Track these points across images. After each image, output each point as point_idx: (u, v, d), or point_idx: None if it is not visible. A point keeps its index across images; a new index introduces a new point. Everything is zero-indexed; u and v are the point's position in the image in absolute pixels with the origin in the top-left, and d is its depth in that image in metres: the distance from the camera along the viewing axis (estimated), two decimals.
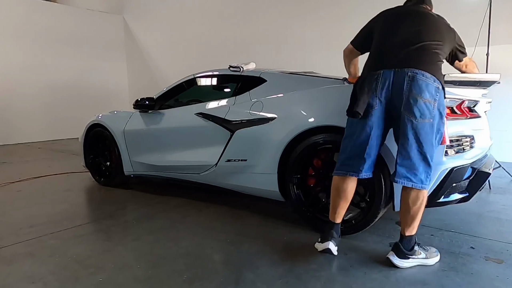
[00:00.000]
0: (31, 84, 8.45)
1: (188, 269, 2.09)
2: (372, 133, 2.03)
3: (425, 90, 1.91)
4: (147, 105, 3.62)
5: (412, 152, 1.95)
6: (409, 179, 1.97)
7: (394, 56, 2.02)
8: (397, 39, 2.08)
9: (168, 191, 3.76)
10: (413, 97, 1.92)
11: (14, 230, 2.75)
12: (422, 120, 1.92)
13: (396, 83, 1.96)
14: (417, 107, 1.91)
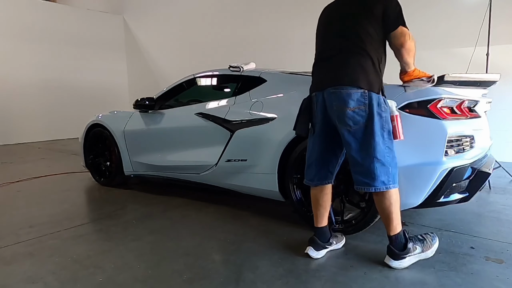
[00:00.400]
0: (31, 84, 8.45)
1: (188, 269, 2.09)
2: (320, 147, 2.17)
3: (348, 100, 1.96)
4: (147, 105, 3.62)
5: (361, 158, 1.99)
6: (368, 184, 1.99)
7: (320, 80, 2.13)
8: (323, 56, 2.18)
9: (168, 191, 3.76)
10: (341, 109, 1.98)
11: (14, 230, 2.75)
12: (356, 127, 1.97)
13: (327, 101, 2.06)
14: (348, 117, 1.97)
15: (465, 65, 4.41)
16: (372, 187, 1.99)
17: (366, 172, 1.99)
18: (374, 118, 1.96)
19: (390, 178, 1.99)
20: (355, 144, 1.99)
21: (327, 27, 2.18)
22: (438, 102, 2.21)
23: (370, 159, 1.97)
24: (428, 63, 5.49)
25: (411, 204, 2.28)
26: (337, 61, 2.05)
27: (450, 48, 5.24)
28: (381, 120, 1.97)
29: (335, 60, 2.06)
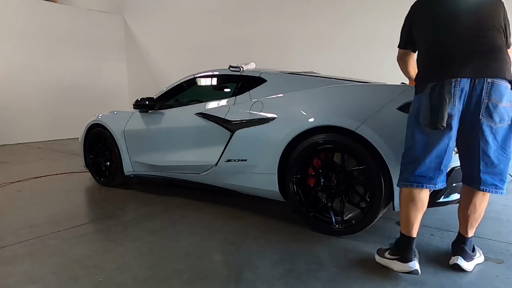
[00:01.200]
0: (31, 84, 8.45)
1: (188, 269, 2.09)
2: (451, 144, 1.90)
3: (504, 95, 1.80)
4: (147, 105, 3.62)
5: (497, 159, 1.86)
6: (496, 186, 1.89)
7: (469, 62, 1.82)
8: (462, 35, 1.87)
9: (168, 191, 3.76)
10: (492, 103, 1.80)
11: (14, 230, 2.75)
12: (501, 125, 1.83)
13: (474, 92, 1.81)
14: (497, 112, 1.80)
15: None
16: (500, 190, 1.89)
17: (499, 174, 1.88)
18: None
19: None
20: (494, 142, 1.85)
21: (461, 6, 1.93)
22: None
23: (506, 160, 1.87)
24: None
25: None
26: (489, 46, 1.85)
27: None
28: None
29: (485, 42, 1.86)
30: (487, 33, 1.85)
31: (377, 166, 2.29)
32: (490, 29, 1.86)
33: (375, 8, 5.83)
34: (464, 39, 1.86)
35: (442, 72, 1.85)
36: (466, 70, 1.80)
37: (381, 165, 2.28)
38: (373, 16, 5.83)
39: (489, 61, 1.81)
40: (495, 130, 1.83)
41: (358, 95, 2.53)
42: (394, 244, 2.11)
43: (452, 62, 1.84)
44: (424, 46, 2.02)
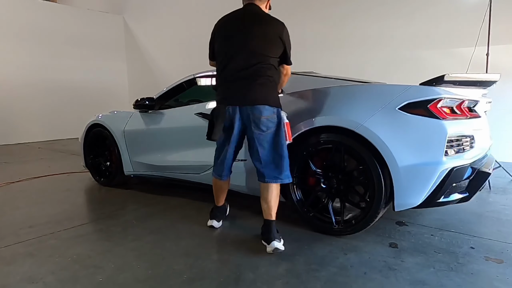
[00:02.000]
0: (31, 84, 8.45)
1: (188, 269, 2.09)
2: (230, 149, 2.47)
3: (262, 112, 2.29)
4: (147, 105, 3.62)
5: (271, 157, 2.35)
6: (276, 177, 2.35)
7: (235, 95, 2.35)
8: (234, 64, 2.35)
9: (168, 191, 3.76)
10: (256, 118, 2.30)
11: (14, 230, 2.75)
12: (269, 132, 2.32)
13: (242, 113, 2.34)
14: (262, 124, 2.30)
15: (465, 65, 4.42)
16: (279, 180, 2.36)
17: (276, 168, 2.35)
18: (279, 124, 2.34)
19: (288, 173, 2.36)
20: (266, 145, 2.34)
21: (235, 39, 2.39)
22: (438, 102, 2.21)
23: (280, 157, 2.34)
24: (428, 63, 5.52)
25: (411, 204, 2.28)
26: (253, 77, 2.33)
27: (450, 48, 5.24)
28: (279, 127, 2.34)
29: (250, 74, 2.33)
30: (252, 64, 2.30)
31: (377, 166, 2.29)
32: (256, 61, 2.30)
33: (375, 8, 5.83)
34: (234, 70, 2.34)
35: (222, 99, 2.42)
36: (233, 100, 2.35)
37: (381, 165, 2.28)
38: (373, 16, 5.84)
39: (248, 92, 2.30)
40: (265, 136, 2.31)
41: (358, 95, 2.53)
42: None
43: (227, 91, 2.40)
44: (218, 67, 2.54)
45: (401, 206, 2.30)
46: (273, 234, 2.34)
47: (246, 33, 2.29)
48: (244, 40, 2.29)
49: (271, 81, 2.34)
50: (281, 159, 2.33)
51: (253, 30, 2.29)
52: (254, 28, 2.29)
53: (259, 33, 2.28)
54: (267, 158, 2.34)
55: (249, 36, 2.28)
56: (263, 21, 2.33)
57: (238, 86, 2.33)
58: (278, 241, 2.31)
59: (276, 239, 2.31)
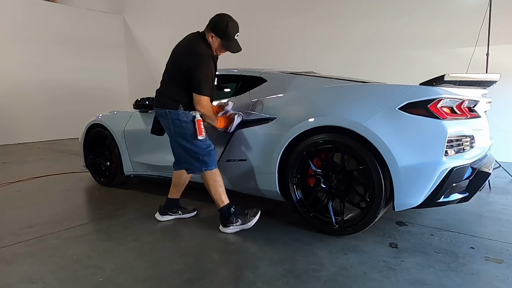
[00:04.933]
0: (31, 84, 8.45)
1: (188, 269, 2.09)
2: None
3: (160, 118, 2.74)
4: (147, 105, 3.62)
5: (179, 153, 2.80)
6: (189, 169, 2.75)
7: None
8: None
9: (168, 191, 3.74)
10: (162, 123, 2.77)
11: (14, 230, 2.75)
12: (170, 135, 2.73)
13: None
14: (165, 128, 2.75)
15: (465, 65, 4.41)
16: (190, 171, 2.77)
17: (184, 162, 2.77)
18: (175, 126, 2.64)
19: (201, 164, 2.63)
20: (175, 143, 2.75)
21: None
22: (438, 102, 2.21)
23: (184, 153, 2.71)
24: (428, 63, 5.52)
25: (411, 204, 2.28)
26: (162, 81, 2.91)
27: (450, 48, 5.24)
28: (179, 127, 2.63)
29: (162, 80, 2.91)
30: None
31: (377, 166, 2.29)
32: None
33: (375, 8, 5.83)
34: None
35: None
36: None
37: (381, 165, 2.28)
38: (373, 16, 5.84)
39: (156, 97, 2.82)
40: (171, 135, 2.71)
41: (358, 95, 2.53)
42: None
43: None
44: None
45: (401, 206, 2.30)
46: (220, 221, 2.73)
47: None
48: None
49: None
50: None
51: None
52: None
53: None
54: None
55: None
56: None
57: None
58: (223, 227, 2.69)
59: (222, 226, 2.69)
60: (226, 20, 2.65)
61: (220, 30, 2.60)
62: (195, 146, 2.61)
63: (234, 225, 2.64)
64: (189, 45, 2.67)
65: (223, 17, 2.68)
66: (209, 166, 2.64)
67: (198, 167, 2.65)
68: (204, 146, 2.63)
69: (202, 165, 2.63)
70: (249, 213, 2.71)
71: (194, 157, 2.64)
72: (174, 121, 2.63)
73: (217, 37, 2.62)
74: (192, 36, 2.79)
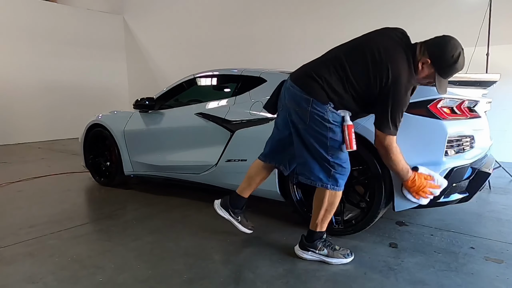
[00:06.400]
0: (31, 84, 8.45)
1: (188, 269, 2.09)
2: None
3: (295, 101, 2.10)
4: (147, 105, 3.62)
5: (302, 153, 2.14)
6: (305, 175, 2.14)
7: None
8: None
9: (168, 191, 3.76)
10: (290, 105, 2.13)
11: (14, 230, 2.75)
12: (299, 125, 2.09)
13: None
14: (294, 113, 2.10)
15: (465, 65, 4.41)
16: (309, 180, 2.13)
17: (305, 167, 2.13)
18: (318, 125, 2.04)
19: (328, 178, 2.07)
20: (298, 141, 2.16)
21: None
22: (438, 102, 2.21)
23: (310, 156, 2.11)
24: None
25: (411, 204, 2.28)
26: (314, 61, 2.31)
27: None
28: (327, 130, 2.03)
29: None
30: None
31: (377, 166, 2.29)
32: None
33: (376, 8, 5.82)
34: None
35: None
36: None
37: (381, 165, 2.28)
38: (373, 17, 5.83)
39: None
40: (300, 127, 2.12)
41: None
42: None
43: None
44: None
45: (401, 206, 2.30)
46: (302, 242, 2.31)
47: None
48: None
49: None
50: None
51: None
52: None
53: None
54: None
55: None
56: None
57: None
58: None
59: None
60: (459, 52, 1.92)
61: (445, 62, 1.93)
62: (333, 157, 2.04)
63: (316, 252, 2.18)
64: (392, 55, 1.97)
65: (455, 46, 1.93)
66: (338, 186, 2.08)
67: (323, 181, 2.07)
68: (344, 159, 2.08)
69: (329, 181, 2.06)
70: (341, 250, 2.20)
71: (324, 167, 2.06)
72: (315, 116, 2.02)
73: (431, 67, 1.95)
74: (396, 43, 2.06)
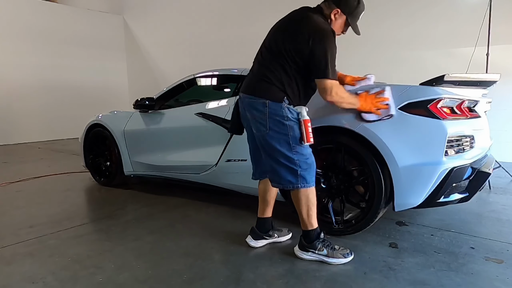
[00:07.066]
0: (31, 84, 8.45)
1: (188, 269, 2.09)
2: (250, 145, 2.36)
3: (252, 109, 2.14)
4: (147, 105, 3.62)
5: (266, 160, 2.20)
6: (276, 181, 2.18)
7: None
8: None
9: (168, 191, 3.76)
10: (249, 116, 2.18)
11: (14, 230, 2.75)
12: (260, 133, 2.14)
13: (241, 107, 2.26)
14: (253, 124, 2.16)
15: (465, 65, 4.41)
16: (280, 185, 2.17)
17: (273, 172, 2.17)
18: (277, 125, 2.09)
19: (296, 179, 2.10)
20: (262, 148, 2.19)
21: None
22: (438, 102, 2.21)
23: (273, 161, 2.15)
24: (428, 63, 5.52)
25: (411, 204, 2.28)
26: (254, 68, 2.24)
27: (450, 48, 5.24)
28: (284, 128, 2.08)
29: (255, 66, 2.25)
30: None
31: (377, 166, 2.29)
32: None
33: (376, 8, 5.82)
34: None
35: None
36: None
37: (381, 165, 2.28)
38: (373, 17, 5.82)
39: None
40: (263, 135, 2.13)
41: None
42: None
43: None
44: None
45: (401, 206, 2.30)
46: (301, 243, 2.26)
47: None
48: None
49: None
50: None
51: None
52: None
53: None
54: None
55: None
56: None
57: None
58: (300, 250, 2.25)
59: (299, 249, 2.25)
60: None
61: (350, 6, 2.14)
62: (296, 154, 2.07)
63: (316, 252, 2.15)
64: (305, 18, 2.09)
65: None
66: (308, 183, 2.10)
67: (293, 183, 2.09)
68: (307, 155, 2.10)
69: (298, 181, 2.08)
70: (340, 250, 2.18)
71: (290, 168, 2.08)
72: (274, 117, 2.05)
73: (342, 14, 2.15)
74: (304, 10, 2.17)
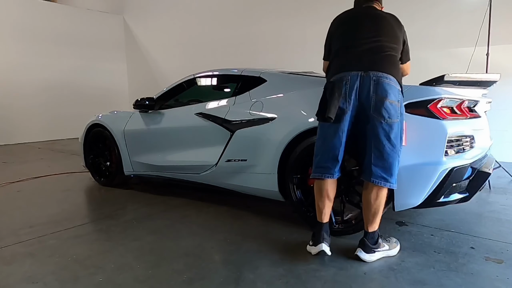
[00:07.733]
0: (31, 84, 8.45)
1: (188, 269, 2.09)
2: (344, 136, 2.11)
3: (389, 92, 2.01)
4: (147, 105, 3.62)
5: (386, 154, 2.04)
6: (385, 179, 2.06)
7: (358, 61, 2.10)
8: (358, 43, 2.15)
9: (168, 191, 3.76)
10: (380, 100, 2.01)
11: (14, 230, 2.75)
12: (391, 121, 2.02)
13: (363, 86, 2.04)
14: (385, 109, 2.00)
15: (465, 65, 4.41)
16: (389, 183, 2.06)
17: (387, 168, 2.05)
18: (402, 118, 2.07)
19: (395, 177, 2.09)
20: (385, 138, 2.03)
21: (359, 27, 2.23)
22: (438, 102, 2.21)
23: (394, 155, 2.04)
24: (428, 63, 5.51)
25: (411, 204, 2.28)
26: (378, 50, 2.11)
27: (450, 48, 5.24)
28: (402, 123, 2.07)
29: (375, 48, 2.12)
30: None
31: None
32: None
33: None
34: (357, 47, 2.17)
35: (340, 67, 2.13)
36: (355, 66, 2.07)
37: None
38: None
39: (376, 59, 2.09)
40: (385, 126, 2.01)
41: None
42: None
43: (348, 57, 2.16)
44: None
45: (401, 206, 2.30)
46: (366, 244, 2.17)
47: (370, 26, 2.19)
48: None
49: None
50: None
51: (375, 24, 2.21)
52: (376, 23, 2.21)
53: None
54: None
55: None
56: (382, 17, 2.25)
57: (363, 54, 2.11)
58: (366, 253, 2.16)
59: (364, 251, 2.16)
60: None
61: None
62: (397, 153, 2.05)
63: (381, 250, 2.16)
64: (390, 14, 2.28)
65: None
66: (396, 183, 2.09)
67: (388, 180, 2.06)
68: (399, 156, 2.08)
69: (393, 179, 2.07)
70: (389, 239, 2.27)
71: (397, 166, 2.07)
72: (402, 108, 2.07)
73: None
74: (374, 6, 2.33)
